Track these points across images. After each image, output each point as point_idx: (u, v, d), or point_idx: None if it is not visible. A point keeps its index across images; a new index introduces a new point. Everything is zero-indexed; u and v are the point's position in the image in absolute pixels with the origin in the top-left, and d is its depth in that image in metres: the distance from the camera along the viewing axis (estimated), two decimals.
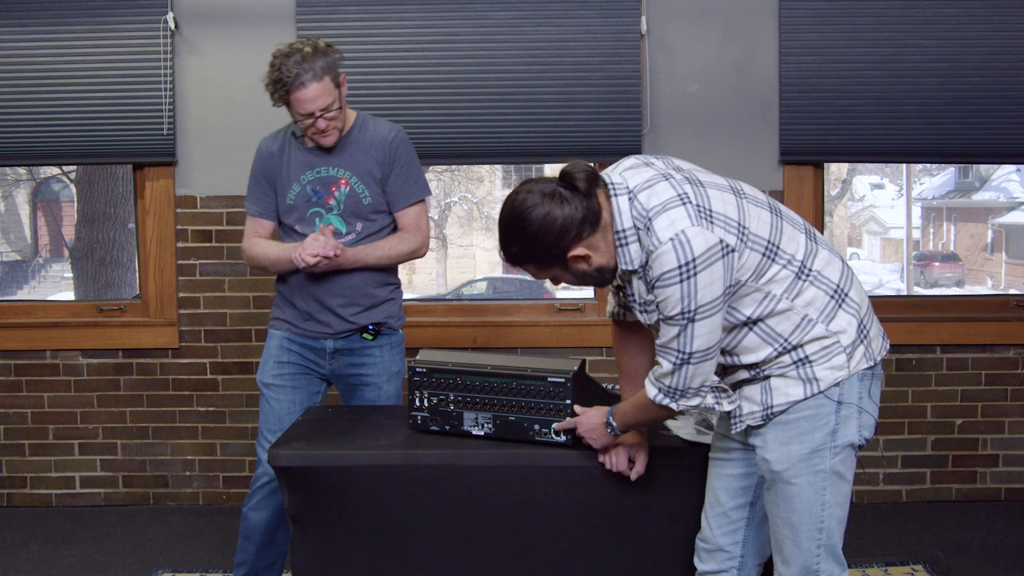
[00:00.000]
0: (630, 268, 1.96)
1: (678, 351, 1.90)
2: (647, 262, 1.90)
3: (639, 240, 1.92)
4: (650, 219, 1.88)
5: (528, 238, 1.93)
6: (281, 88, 2.63)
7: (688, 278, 1.84)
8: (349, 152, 2.79)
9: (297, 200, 2.81)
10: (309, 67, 2.62)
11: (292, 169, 2.82)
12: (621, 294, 2.16)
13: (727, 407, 2.01)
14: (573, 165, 1.94)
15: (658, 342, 1.95)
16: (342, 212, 2.80)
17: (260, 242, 2.87)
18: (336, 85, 2.70)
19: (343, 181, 2.79)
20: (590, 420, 2.19)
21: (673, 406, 1.97)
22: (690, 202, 1.88)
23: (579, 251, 1.94)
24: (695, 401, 1.97)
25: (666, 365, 1.94)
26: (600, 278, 2.02)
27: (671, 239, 1.84)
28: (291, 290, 2.85)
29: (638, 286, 1.98)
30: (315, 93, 2.63)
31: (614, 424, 2.13)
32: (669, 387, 1.95)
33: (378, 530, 2.30)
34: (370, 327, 2.83)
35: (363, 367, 2.85)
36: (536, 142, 3.83)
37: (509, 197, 1.97)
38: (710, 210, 1.88)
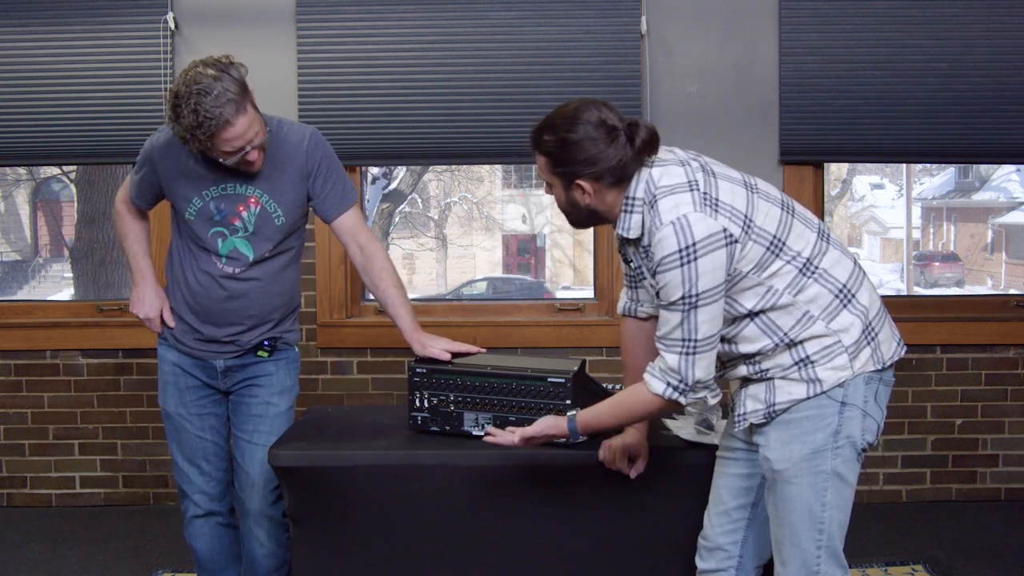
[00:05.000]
0: (627, 235, 1.98)
1: (683, 340, 1.90)
2: (650, 244, 1.91)
3: (643, 213, 1.94)
4: (655, 197, 1.91)
5: (561, 140, 1.96)
6: (203, 133, 2.25)
7: (689, 262, 1.85)
8: (262, 166, 2.45)
9: (197, 217, 2.49)
10: (230, 99, 2.25)
11: (192, 182, 2.47)
12: (631, 267, 2.14)
13: (712, 401, 2.02)
14: (644, 122, 1.96)
15: (658, 334, 1.95)
16: (250, 234, 2.50)
17: (128, 219, 2.64)
18: (255, 105, 2.34)
19: (253, 200, 2.48)
20: (546, 419, 2.15)
21: (682, 400, 1.96)
22: (697, 189, 1.91)
23: (586, 184, 1.97)
24: (702, 394, 1.97)
25: (671, 358, 1.93)
26: (586, 219, 2.05)
27: (672, 222, 1.86)
28: (181, 305, 2.59)
29: (645, 265, 1.99)
30: (244, 127, 2.29)
31: (578, 431, 2.12)
32: (681, 381, 1.94)
33: (378, 530, 2.31)
34: (265, 343, 2.60)
35: (255, 379, 2.62)
36: None
37: (580, 101, 1.98)
38: (717, 199, 1.90)
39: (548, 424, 2.13)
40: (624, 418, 2.07)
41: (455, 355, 2.46)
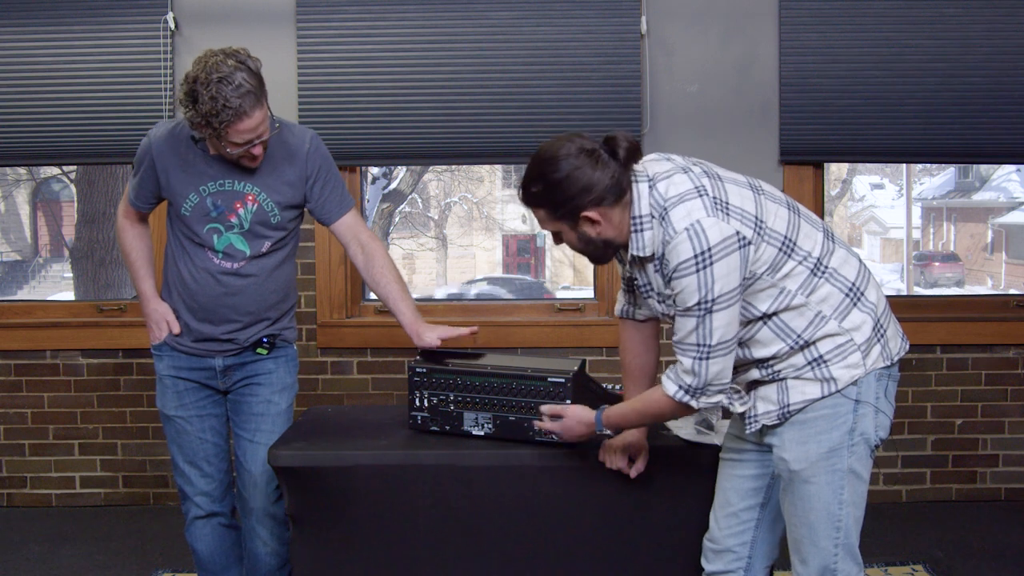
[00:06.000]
0: (641, 255, 1.97)
1: (698, 345, 1.90)
2: (663, 254, 1.91)
3: (654, 228, 1.93)
4: (666, 209, 1.91)
5: (551, 183, 1.95)
6: (219, 122, 2.27)
7: (704, 267, 1.85)
8: (260, 164, 2.47)
9: (194, 212, 2.49)
10: (249, 90, 2.28)
11: (190, 177, 2.48)
12: (633, 285, 2.15)
13: (739, 408, 2.01)
14: (620, 133, 1.95)
15: (675, 338, 1.95)
16: (245, 231, 2.50)
17: (130, 236, 2.64)
18: (267, 101, 2.37)
19: (250, 198, 2.49)
20: (575, 414, 2.16)
21: (693, 404, 1.96)
22: (707, 194, 1.90)
23: (592, 214, 1.95)
24: (715, 399, 1.96)
25: (686, 362, 1.93)
26: (603, 252, 2.03)
27: (686, 229, 1.86)
28: (177, 304, 2.59)
29: (655, 278, 1.99)
30: (257, 121, 2.32)
31: (607, 432, 2.13)
32: (691, 385, 1.94)
33: (378, 530, 2.31)
34: (264, 340, 2.59)
35: (255, 378, 2.62)
36: (536, 142, 3.73)
37: (552, 140, 1.99)
38: (727, 202, 1.90)
39: (576, 419, 2.15)
40: (645, 416, 2.07)
41: (449, 342, 2.47)
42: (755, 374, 2.04)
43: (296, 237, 2.65)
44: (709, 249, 1.85)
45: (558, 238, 2.04)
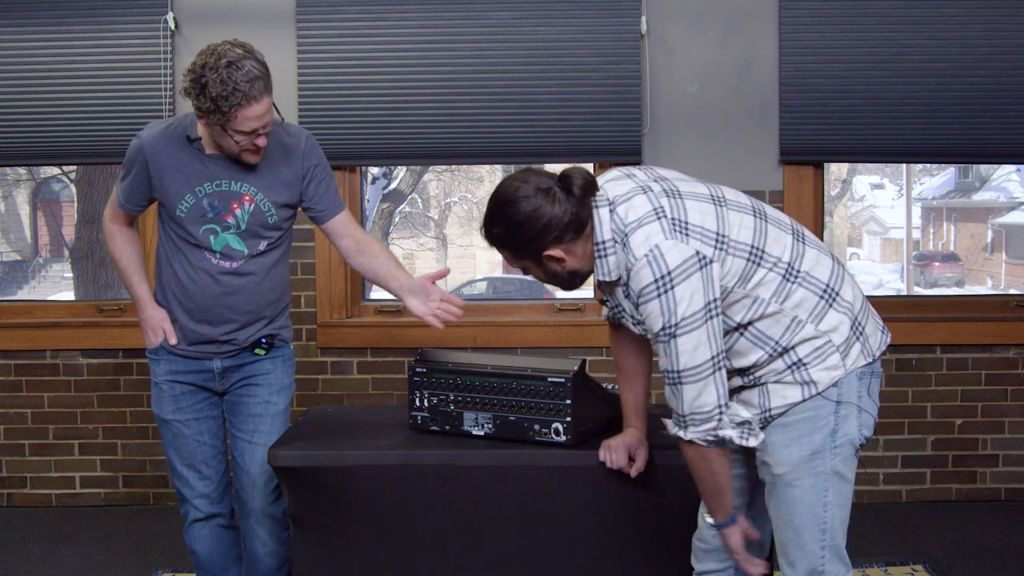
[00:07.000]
0: (608, 279, 1.97)
1: (668, 371, 1.91)
2: (628, 280, 1.91)
3: (617, 253, 1.93)
4: (626, 235, 1.90)
5: (511, 226, 1.95)
6: (228, 105, 2.25)
7: (665, 292, 1.85)
8: (256, 164, 2.45)
9: (189, 213, 2.45)
10: (258, 77, 2.28)
11: (185, 177, 2.44)
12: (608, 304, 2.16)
13: (753, 443, 1.99)
14: (574, 169, 1.95)
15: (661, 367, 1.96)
16: (242, 231, 2.48)
17: (119, 241, 2.59)
18: (272, 92, 2.36)
19: (247, 198, 2.46)
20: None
21: (683, 435, 1.94)
22: (665, 216, 1.89)
23: (555, 252, 1.96)
24: (704, 428, 1.92)
25: (667, 391, 1.94)
26: (570, 281, 2.04)
27: (645, 255, 1.86)
28: (173, 306, 2.56)
29: (625, 303, 1.99)
30: (265, 108, 2.31)
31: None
32: (676, 413, 1.95)
33: (378, 530, 2.31)
34: (262, 340, 2.58)
35: (253, 378, 2.60)
36: (536, 142, 3.82)
37: (507, 180, 1.98)
38: (686, 222, 1.89)
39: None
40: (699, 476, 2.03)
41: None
42: (737, 382, 2.04)
43: (290, 236, 2.64)
44: (669, 273, 1.84)
45: (526, 271, 2.05)
